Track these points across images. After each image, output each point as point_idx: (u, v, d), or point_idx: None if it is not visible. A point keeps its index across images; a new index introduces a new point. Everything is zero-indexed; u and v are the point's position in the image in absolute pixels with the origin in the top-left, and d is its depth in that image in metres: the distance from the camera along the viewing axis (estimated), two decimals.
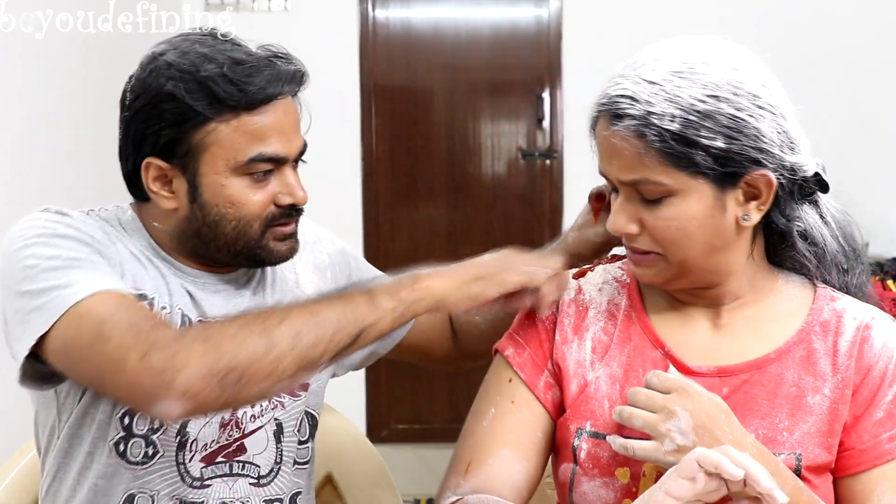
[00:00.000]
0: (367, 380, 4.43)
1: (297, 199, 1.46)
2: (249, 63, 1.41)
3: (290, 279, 1.59)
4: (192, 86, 1.39)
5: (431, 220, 4.52)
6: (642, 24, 4.23)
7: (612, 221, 1.30)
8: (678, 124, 1.22)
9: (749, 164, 1.25)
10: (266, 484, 1.52)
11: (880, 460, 1.28)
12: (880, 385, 1.30)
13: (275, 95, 1.41)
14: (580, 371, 1.36)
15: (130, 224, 1.49)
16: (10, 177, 2.79)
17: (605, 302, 1.41)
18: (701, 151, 1.23)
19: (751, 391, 1.31)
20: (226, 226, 1.44)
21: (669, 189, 1.25)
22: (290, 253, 1.50)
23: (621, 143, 1.25)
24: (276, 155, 1.43)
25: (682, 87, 1.24)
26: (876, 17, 4.28)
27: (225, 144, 1.40)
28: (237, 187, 1.42)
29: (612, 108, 1.26)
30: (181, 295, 1.47)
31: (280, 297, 1.55)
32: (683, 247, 1.27)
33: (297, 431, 1.55)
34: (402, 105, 4.47)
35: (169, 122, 1.40)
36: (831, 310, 1.35)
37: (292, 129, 1.46)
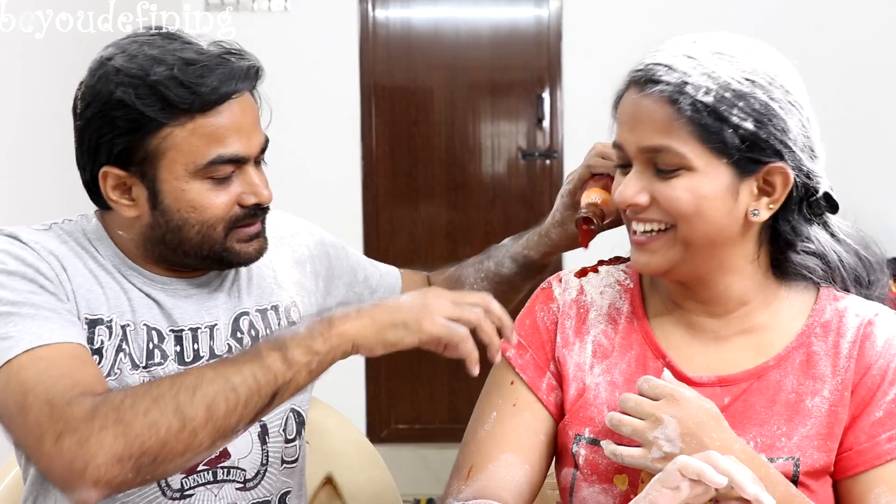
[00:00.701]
0: (367, 380, 4.43)
1: (262, 199, 1.43)
2: (201, 63, 1.37)
3: (269, 276, 1.56)
4: (143, 91, 1.35)
5: (431, 219, 4.52)
6: (642, 25, 4.23)
7: (622, 191, 1.28)
8: (712, 98, 1.23)
9: (772, 154, 1.25)
10: (253, 487, 1.49)
11: (878, 461, 1.26)
12: (880, 384, 1.28)
13: (229, 94, 1.38)
14: (579, 374, 1.36)
15: (95, 234, 1.46)
16: (9, 177, 2.79)
17: (607, 305, 1.39)
18: (730, 129, 1.23)
19: (749, 399, 1.30)
20: (189, 230, 1.41)
21: (689, 163, 1.24)
22: (258, 253, 1.46)
23: (652, 107, 1.24)
24: (235, 155, 1.39)
25: (720, 65, 1.24)
26: (876, 17, 4.28)
27: (182, 149, 1.37)
28: (198, 191, 1.39)
29: (647, 74, 1.25)
30: (147, 307, 1.44)
31: (258, 296, 1.53)
32: (693, 222, 1.25)
33: (283, 431, 1.53)
34: (402, 105, 4.46)
35: (122, 130, 1.36)
36: (833, 309, 1.33)
37: (251, 126, 1.42)
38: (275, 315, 1.54)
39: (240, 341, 1.49)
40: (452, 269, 1.77)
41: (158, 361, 1.43)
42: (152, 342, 1.43)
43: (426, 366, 4.44)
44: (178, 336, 1.45)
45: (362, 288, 1.69)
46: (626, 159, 1.29)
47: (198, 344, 1.46)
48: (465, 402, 4.53)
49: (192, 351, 1.45)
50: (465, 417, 1.43)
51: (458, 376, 4.49)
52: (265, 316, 1.53)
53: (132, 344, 1.42)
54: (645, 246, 1.29)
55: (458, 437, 1.43)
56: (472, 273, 1.73)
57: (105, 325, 1.40)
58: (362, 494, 1.79)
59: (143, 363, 1.42)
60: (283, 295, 1.56)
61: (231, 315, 1.50)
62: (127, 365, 1.40)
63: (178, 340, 1.45)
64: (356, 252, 1.71)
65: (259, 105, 1.47)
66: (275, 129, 3.47)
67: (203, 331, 1.47)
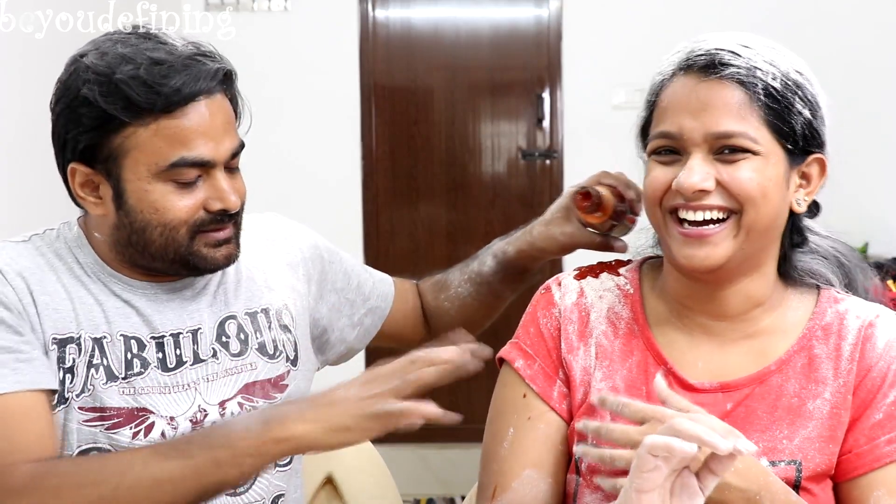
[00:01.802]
0: None
1: (228, 205, 1.40)
2: (168, 63, 1.35)
3: (259, 279, 1.55)
4: (107, 89, 1.34)
5: (431, 219, 4.52)
6: (642, 25, 4.24)
7: (684, 179, 1.23)
8: (780, 84, 1.24)
9: (820, 144, 1.28)
10: (244, 492, 1.47)
11: (878, 464, 1.26)
12: (881, 386, 1.27)
13: (193, 96, 1.35)
14: (586, 378, 1.34)
15: (76, 241, 1.45)
16: (9, 177, 2.79)
17: (606, 308, 1.38)
18: (794, 116, 1.25)
19: (752, 405, 1.29)
20: (152, 232, 1.39)
21: (757, 148, 1.23)
22: (227, 259, 1.44)
23: (725, 92, 1.23)
24: (200, 159, 1.37)
25: (777, 56, 1.26)
26: (876, 17, 4.28)
27: (145, 149, 1.36)
28: (161, 193, 1.37)
29: (713, 59, 1.24)
30: (124, 317, 1.43)
31: (248, 299, 1.52)
32: (760, 206, 1.24)
33: None
34: (402, 105, 4.47)
35: (86, 127, 1.36)
36: (834, 312, 1.33)
37: (220, 130, 1.39)
38: (265, 318, 1.52)
39: (225, 345, 1.48)
40: (440, 275, 1.76)
41: (138, 371, 1.42)
42: (131, 352, 1.42)
43: None
44: (160, 342, 1.44)
45: (355, 294, 1.67)
46: (678, 147, 1.26)
47: (180, 349, 1.45)
48: (466, 402, 4.51)
49: (174, 357, 1.44)
50: (465, 417, 1.43)
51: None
52: (255, 319, 1.52)
53: (109, 356, 1.41)
54: (706, 238, 1.25)
55: (458, 437, 1.43)
56: (458, 276, 1.72)
57: (75, 343, 1.39)
58: (362, 494, 1.79)
59: (122, 374, 1.41)
60: (275, 298, 1.54)
61: (216, 319, 1.49)
62: (100, 379, 1.39)
63: (160, 347, 1.44)
64: (351, 258, 1.70)
65: (240, 110, 1.45)
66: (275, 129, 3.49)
67: (185, 335, 1.46)
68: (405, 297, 1.74)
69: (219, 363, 1.47)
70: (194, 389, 1.45)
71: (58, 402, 1.38)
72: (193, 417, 1.44)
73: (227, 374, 1.47)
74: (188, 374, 1.45)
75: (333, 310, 1.64)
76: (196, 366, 1.45)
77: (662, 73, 1.29)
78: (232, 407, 1.46)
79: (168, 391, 1.43)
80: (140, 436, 1.40)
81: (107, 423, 1.39)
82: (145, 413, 1.41)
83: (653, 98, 1.30)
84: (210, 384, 1.46)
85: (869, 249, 3.89)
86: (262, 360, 1.50)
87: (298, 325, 1.56)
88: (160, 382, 1.43)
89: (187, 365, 1.45)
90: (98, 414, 1.39)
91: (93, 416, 1.39)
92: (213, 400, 1.46)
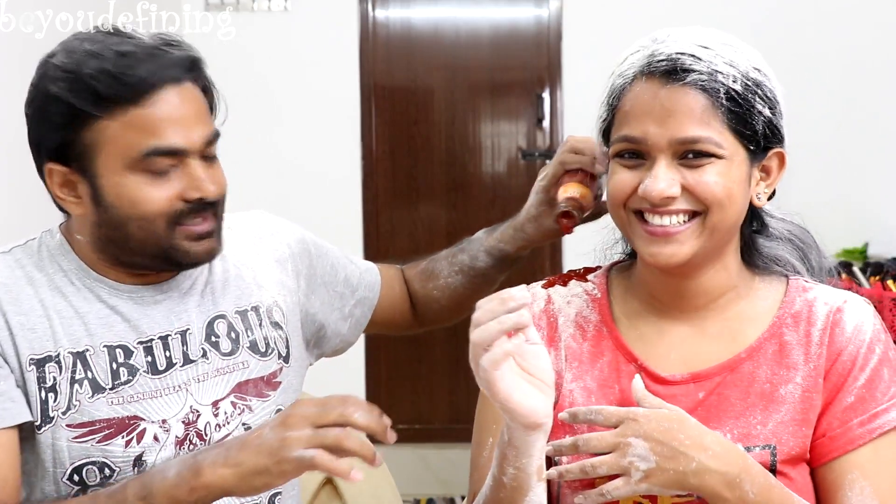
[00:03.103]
0: (367, 380, 4.43)
1: (205, 193, 1.39)
2: (133, 54, 1.35)
3: (248, 276, 1.54)
4: (75, 85, 1.34)
5: (431, 219, 4.52)
6: (642, 25, 4.22)
7: (652, 186, 1.25)
8: (740, 86, 1.25)
9: (780, 139, 1.30)
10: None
11: (851, 446, 1.27)
12: (851, 370, 1.29)
13: (159, 84, 1.35)
14: (557, 382, 1.35)
15: (59, 248, 1.45)
16: (10, 177, 2.79)
17: (574, 313, 1.40)
18: (757, 116, 1.26)
19: (724, 392, 1.31)
20: (130, 226, 1.38)
21: (721, 152, 1.25)
22: (208, 254, 1.43)
23: (687, 98, 1.25)
24: (172, 147, 1.36)
25: (736, 54, 1.27)
26: (876, 17, 4.28)
27: (117, 142, 1.35)
28: (135, 185, 1.36)
29: (675, 64, 1.25)
30: (107, 326, 1.42)
31: (237, 297, 1.52)
32: (725, 208, 1.27)
33: None
34: (402, 105, 4.46)
35: (58, 125, 1.36)
36: (803, 300, 1.35)
37: (193, 118, 1.38)
38: (255, 316, 1.52)
39: (215, 345, 1.48)
40: (425, 263, 1.78)
41: (126, 379, 1.41)
42: (116, 361, 1.41)
43: (426, 366, 4.44)
44: (148, 346, 1.43)
45: (343, 287, 1.68)
46: (642, 152, 1.28)
47: (169, 351, 1.45)
48: (465, 402, 4.52)
49: (164, 359, 1.44)
50: (464, 417, 1.43)
51: (458, 376, 4.49)
52: (245, 317, 1.52)
53: (94, 368, 1.40)
54: (673, 237, 1.27)
55: (458, 437, 1.44)
56: (446, 266, 1.74)
57: (54, 362, 1.39)
58: (362, 494, 1.79)
59: (109, 385, 1.40)
60: (264, 295, 1.54)
61: (205, 319, 1.48)
62: (86, 394, 1.39)
63: (149, 350, 1.43)
64: (336, 249, 1.71)
65: (215, 101, 1.45)
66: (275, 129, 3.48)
67: (174, 337, 1.45)
68: (392, 284, 1.76)
69: (209, 363, 1.46)
70: (185, 391, 1.44)
71: (43, 422, 1.38)
72: (186, 419, 1.44)
73: (218, 374, 1.47)
74: (178, 376, 1.44)
75: (326, 304, 1.64)
76: (186, 367, 1.45)
77: (623, 75, 1.30)
78: (225, 406, 1.46)
79: (159, 395, 1.43)
80: (133, 443, 1.40)
81: (98, 437, 1.39)
82: (136, 420, 1.41)
83: (614, 102, 1.31)
84: (201, 384, 1.46)
85: (869, 249, 3.89)
86: (254, 358, 1.50)
87: (289, 321, 1.56)
88: (150, 387, 1.42)
89: (177, 366, 1.44)
90: (87, 429, 1.39)
91: (82, 431, 1.39)
92: (206, 400, 1.46)
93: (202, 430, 1.45)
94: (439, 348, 4.37)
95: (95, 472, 1.39)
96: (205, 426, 1.45)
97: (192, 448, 1.44)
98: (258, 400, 1.49)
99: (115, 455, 1.40)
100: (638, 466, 1.20)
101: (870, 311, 1.33)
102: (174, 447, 1.43)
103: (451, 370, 4.40)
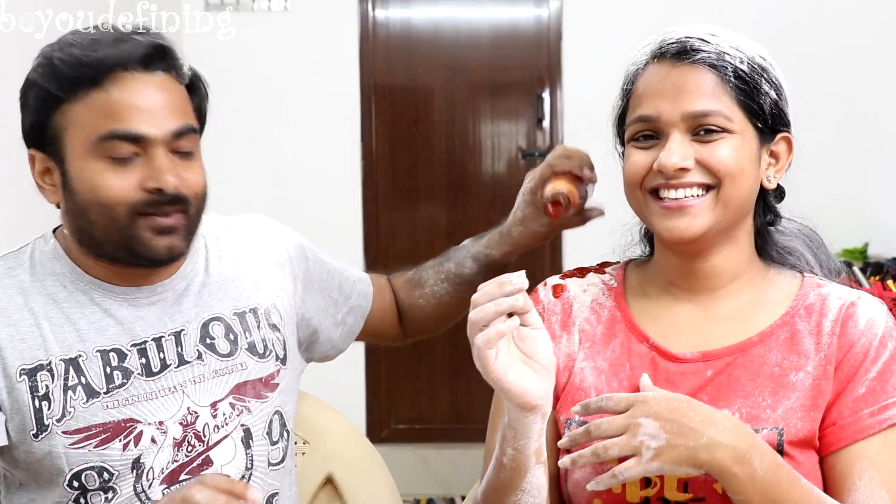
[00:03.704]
0: (367, 380, 4.43)
1: (163, 185, 1.37)
2: (102, 40, 1.37)
3: (246, 279, 1.54)
4: (47, 70, 1.37)
5: (431, 219, 4.52)
6: (642, 25, 4.23)
7: (665, 159, 1.31)
8: (747, 67, 1.32)
9: (786, 124, 1.35)
10: None
11: (861, 435, 1.30)
12: (863, 361, 1.32)
13: (118, 66, 1.35)
14: (570, 363, 1.40)
15: (52, 253, 1.45)
16: (10, 177, 2.79)
17: (590, 300, 1.44)
18: (763, 96, 1.32)
19: (734, 373, 1.33)
20: (92, 213, 1.38)
21: (732, 126, 1.31)
22: (169, 251, 1.41)
23: (697, 74, 1.32)
24: (132, 132, 1.35)
25: (742, 43, 1.34)
26: (876, 17, 4.28)
27: (80, 124, 1.36)
28: (96, 170, 1.36)
29: (684, 46, 1.33)
30: (99, 331, 1.42)
31: (235, 299, 1.52)
32: (737, 181, 1.32)
33: (267, 434, 1.51)
34: (402, 105, 4.46)
35: (32, 108, 1.39)
36: (817, 294, 1.38)
37: (161, 108, 1.37)
38: (254, 318, 1.53)
39: (211, 347, 1.48)
40: (412, 273, 1.79)
41: (120, 383, 1.41)
42: (110, 365, 1.41)
43: (426, 366, 4.44)
44: (142, 349, 1.44)
45: (337, 294, 1.69)
46: (656, 130, 1.34)
47: (163, 353, 1.45)
48: (465, 402, 4.53)
49: (158, 361, 1.44)
50: (465, 417, 1.44)
51: (458, 376, 4.49)
52: (243, 319, 1.52)
53: (87, 373, 1.40)
54: (688, 209, 1.32)
55: (458, 437, 1.45)
56: (433, 275, 1.75)
57: (46, 370, 1.39)
58: (362, 494, 1.79)
59: (104, 389, 1.41)
60: (263, 297, 1.55)
61: (200, 320, 1.48)
62: (80, 399, 1.39)
63: (143, 353, 1.43)
64: (330, 257, 1.72)
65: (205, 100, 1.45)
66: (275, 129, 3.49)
67: (168, 338, 1.46)
68: (383, 294, 1.77)
69: (205, 365, 1.47)
70: (181, 392, 1.44)
71: (38, 431, 1.38)
72: (183, 420, 1.44)
73: (216, 376, 1.47)
74: (173, 377, 1.44)
75: (321, 309, 1.65)
76: (181, 368, 1.45)
77: (636, 62, 1.37)
78: (224, 408, 1.47)
79: (154, 396, 1.43)
80: (130, 446, 1.40)
81: (94, 441, 1.39)
82: (132, 423, 1.41)
83: (629, 87, 1.38)
84: (197, 386, 1.46)
85: (869, 249, 3.89)
86: (253, 359, 1.50)
87: (286, 324, 1.57)
88: (145, 389, 1.42)
89: (172, 368, 1.45)
90: (84, 434, 1.39)
91: (79, 437, 1.39)
92: (203, 402, 1.46)
93: (200, 432, 1.45)
94: (439, 348, 4.37)
95: (94, 476, 1.39)
96: (203, 427, 1.45)
97: (190, 449, 1.44)
98: (257, 401, 1.50)
99: (113, 459, 1.40)
100: (649, 445, 1.21)
101: (883, 308, 1.37)
102: (172, 449, 1.43)
103: (451, 370, 4.40)
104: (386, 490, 1.80)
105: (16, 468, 1.42)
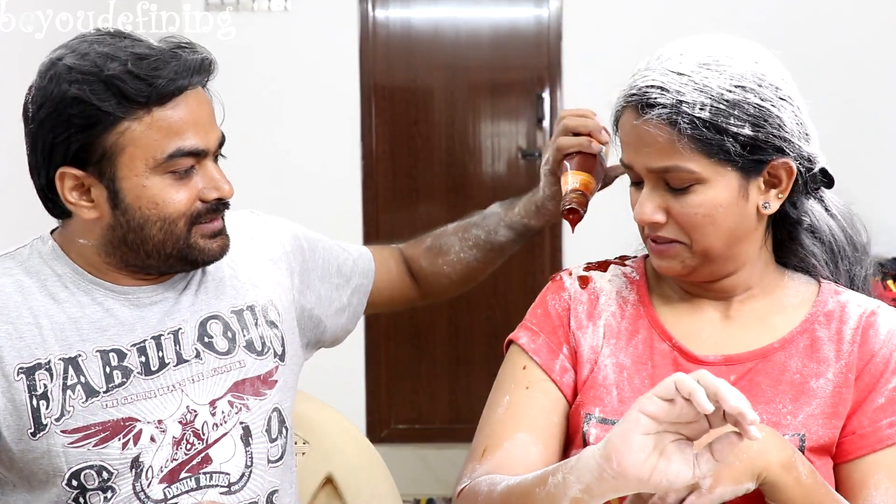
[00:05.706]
0: (367, 380, 4.43)
1: (223, 193, 1.43)
2: (154, 56, 1.37)
3: (243, 276, 1.56)
4: (98, 87, 1.35)
5: (431, 220, 4.48)
6: (642, 25, 4.23)
7: (639, 211, 1.33)
8: (708, 112, 1.27)
9: (773, 151, 1.29)
10: (238, 490, 1.47)
11: (879, 445, 1.30)
12: (883, 371, 1.32)
13: (185, 86, 1.38)
14: (593, 356, 1.39)
15: (52, 254, 1.45)
16: (10, 177, 2.79)
17: (615, 292, 1.44)
18: (730, 139, 1.27)
19: (755, 379, 1.33)
20: (151, 228, 1.40)
21: (698, 177, 1.28)
22: (222, 251, 1.47)
23: (653, 132, 1.28)
24: (195, 148, 1.39)
25: (710, 77, 1.28)
26: (876, 17, 4.28)
27: (141, 143, 1.36)
28: (159, 186, 1.39)
29: (642, 99, 1.29)
30: (100, 330, 1.42)
31: (233, 297, 1.53)
32: (709, 234, 1.31)
33: (266, 431, 1.51)
34: (402, 105, 4.46)
35: (78, 127, 1.36)
36: (835, 301, 1.38)
37: (208, 120, 1.42)
38: (251, 315, 1.53)
39: (209, 345, 1.48)
40: (430, 240, 1.81)
41: (120, 382, 1.42)
42: (109, 365, 1.42)
43: (426, 366, 4.44)
44: (141, 347, 1.44)
45: (338, 278, 1.69)
46: (636, 177, 1.34)
47: (162, 351, 1.45)
48: (465, 402, 4.52)
49: (157, 359, 1.45)
50: (464, 417, 1.44)
51: (458, 376, 4.48)
52: (241, 317, 1.53)
53: (87, 372, 1.41)
54: (664, 253, 1.34)
55: (458, 437, 1.45)
56: (457, 242, 1.77)
57: (45, 369, 1.39)
58: (362, 494, 1.79)
59: (104, 388, 1.41)
60: (260, 294, 1.56)
61: (197, 319, 1.49)
62: (79, 399, 1.39)
63: (142, 351, 1.44)
64: (327, 239, 1.72)
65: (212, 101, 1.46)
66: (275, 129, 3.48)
67: (166, 337, 1.46)
68: (388, 267, 1.78)
69: (203, 363, 1.47)
70: (180, 390, 1.45)
71: (36, 430, 1.38)
72: (182, 419, 1.44)
73: (215, 374, 1.48)
74: (172, 376, 1.45)
75: (322, 298, 1.66)
76: (180, 366, 1.45)
77: (617, 103, 1.35)
78: (222, 405, 1.47)
79: (153, 395, 1.43)
80: (129, 445, 1.40)
81: (93, 440, 1.39)
82: (131, 422, 1.41)
83: (615, 126, 1.37)
84: (196, 384, 1.46)
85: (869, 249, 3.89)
86: (251, 357, 1.51)
87: (284, 319, 1.57)
88: (144, 388, 1.43)
89: (170, 366, 1.45)
90: (83, 433, 1.39)
91: (77, 436, 1.39)
92: (203, 400, 1.46)
93: (199, 430, 1.45)
94: (439, 348, 4.37)
95: (94, 475, 1.40)
96: (202, 425, 1.45)
97: (189, 448, 1.44)
98: (255, 398, 1.50)
99: (112, 458, 1.40)
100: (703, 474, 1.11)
101: None
102: (171, 447, 1.43)
103: (451, 370, 4.40)
104: (386, 490, 1.80)
105: (10, 470, 1.42)
